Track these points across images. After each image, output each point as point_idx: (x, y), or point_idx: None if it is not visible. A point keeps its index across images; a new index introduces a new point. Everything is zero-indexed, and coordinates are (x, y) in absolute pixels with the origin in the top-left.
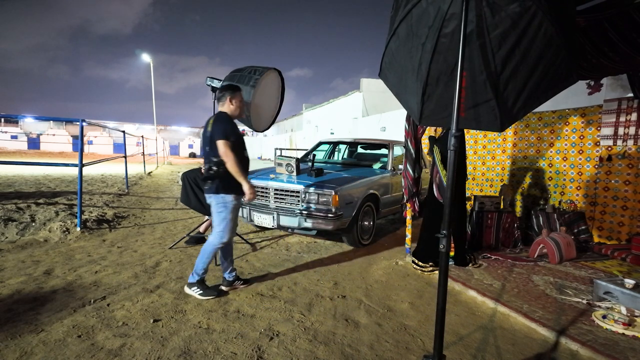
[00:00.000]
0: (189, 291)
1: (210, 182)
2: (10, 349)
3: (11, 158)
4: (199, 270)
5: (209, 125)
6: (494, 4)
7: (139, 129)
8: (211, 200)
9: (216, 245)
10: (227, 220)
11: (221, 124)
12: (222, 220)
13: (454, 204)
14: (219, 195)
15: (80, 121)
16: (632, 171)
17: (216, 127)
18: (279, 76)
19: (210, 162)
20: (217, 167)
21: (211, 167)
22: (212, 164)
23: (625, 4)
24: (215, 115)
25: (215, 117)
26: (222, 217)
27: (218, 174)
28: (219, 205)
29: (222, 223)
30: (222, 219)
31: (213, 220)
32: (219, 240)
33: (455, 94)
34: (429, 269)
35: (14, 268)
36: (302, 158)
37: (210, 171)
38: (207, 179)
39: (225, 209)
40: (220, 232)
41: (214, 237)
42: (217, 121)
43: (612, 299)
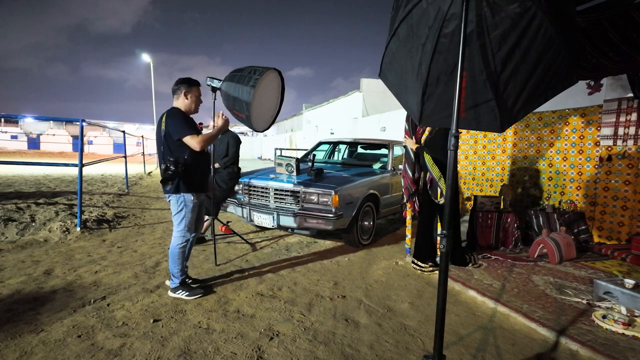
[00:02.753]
0: (174, 295)
1: (170, 183)
2: (10, 349)
3: (11, 158)
4: (176, 274)
5: (162, 123)
6: (494, 4)
7: (139, 129)
8: (170, 199)
9: (180, 245)
10: (186, 219)
11: (176, 119)
12: (182, 220)
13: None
14: (178, 194)
15: (80, 121)
16: (632, 171)
17: (172, 125)
18: (279, 76)
19: (167, 161)
20: (175, 166)
21: (169, 167)
22: (169, 164)
23: (625, 4)
24: (167, 112)
25: (168, 114)
26: (181, 216)
27: (177, 173)
28: (179, 204)
29: (182, 223)
30: (182, 218)
31: (173, 220)
32: (182, 240)
33: (455, 94)
34: (429, 269)
35: (14, 268)
36: (302, 158)
37: (168, 171)
38: (165, 180)
39: (185, 207)
40: (180, 231)
41: (175, 238)
42: (171, 118)
43: (612, 299)
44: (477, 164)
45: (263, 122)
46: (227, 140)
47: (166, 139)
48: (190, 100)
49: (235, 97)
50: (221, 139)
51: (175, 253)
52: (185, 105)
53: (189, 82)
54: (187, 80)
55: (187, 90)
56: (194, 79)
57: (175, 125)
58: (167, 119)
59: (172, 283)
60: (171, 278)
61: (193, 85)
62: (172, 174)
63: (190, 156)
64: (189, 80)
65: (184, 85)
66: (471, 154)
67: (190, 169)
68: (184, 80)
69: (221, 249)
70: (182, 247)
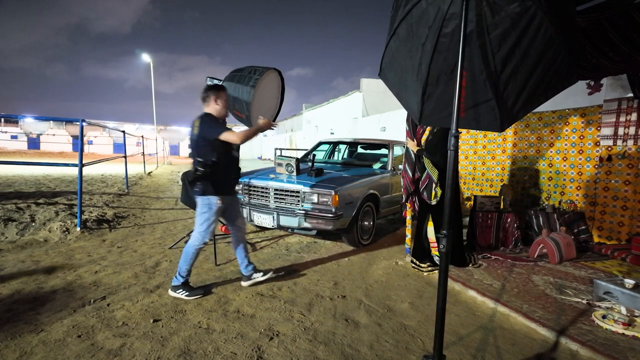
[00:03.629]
0: (174, 294)
1: (198, 184)
2: (10, 349)
3: (11, 158)
4: (183, 272)
5: (195, 128)
6: (494, 4)
7: (138, 129)
8: (197, 201)
9: (197, 247)
10: (209, 222)
11: (208, 123)
12: (205, 221)
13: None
14: (205, 197)
15: (80, 121)
16: (632, 171)
17: (205, 128)
18: (279, 76)
19: (197, 163)
20: (204, 168)
21: (197, 169)
22: (198, 165)
23: (625, 4)
24: (200, 117)
25: (201, 119)
26: (205, 217)
27: (205, 175)
28: (203, 206)
29: (205, 224)
30: (205, 219)
31: (196, 220)
32: (201, 241)
33: (455, 94)
34: (427, 268)
35: (14, 268)
36: (302, 158)
37: (198, 172)
38: (195, 181)
39: (209, 210)
40: (202, 233)
41: (195, 238)
42: (204, 122)
43: (612, 299)
44: (477, 164)
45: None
46: None
47: (197, 142)
48: (220, 106)
49: (235, 97)
50: None
51: (190, 252)
52: (216, 111)
53: (217, 88)
54: (216, 86)
55: (216, 96)
56: (220, 84)
57: (209, 127)
58: (200, 123)
59: (175, 280)
60: (175, 276)
61: (221, 91)
62: (201, 175)
63: (217, 159)
64: (217, 87)
65: (212, 92)
66: (471, 154)
67: (217, 172)
68: (212, 87)
69: (221, 249)
70: (199, 248)
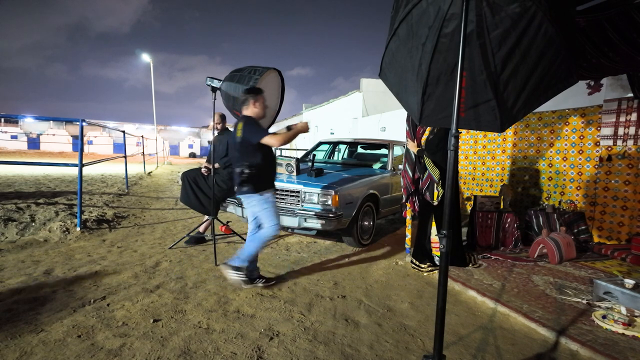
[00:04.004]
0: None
1: (246, 185)
2: (10, 349)
3: (11, 158)
4: (247, 257)
5: (239, 131)
6: (494, 4)
7: (138, 129)
8: (252, 200)
9: (272, 236)
10: (274, 212)
11: (251, 126)
12: (271, 215)
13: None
14: (260, 194)
15: (80, 121)
16: (632, 171)
17: (248, 132)
18: (278, 76)
19: (242, 165)
20: (250, 169)
21: (243, 171)
22: (244, 167)
23: (625, 4)
24: (243, 120)
25: (245, 122)
26: (270, 212)
27: (252, 175)
28: (262, 202)
29: (273, 217)
30: (271, 213)
31: (262, 217)
32: (274, 232)
33: (455, 94)
34: (427, 269)
35: (14, 268)
36: (302, 158)
37: (244, 175)
38: (242, 183)
39: (269, 204)
40: (274, 225)
41: (269, 230)
42: (248, 125)
43: (612, 299)
44: (477, 164)
45: (263, 121)
46: (227, 141)
47: (242, 145)
48: (259, 108)
49: (235, 97)
50: (220, 139)
51: (263, 241)
52: (255, 113)
53: (255, 91)
54: (253, 90)
55: (255, 99)
56: (257, 87)
57: (253, 130)
58: (243, 126)
59: (235, 261)
60: (236, 256)
61: (258, 94)
62: (247, 176)
63: (262, 159)
64: (255, 90)
65: (251, 96)
66: (471, 154)
67: (265, 170)
68: (250, 91)
69: (221, 249)
70: (272, 238)
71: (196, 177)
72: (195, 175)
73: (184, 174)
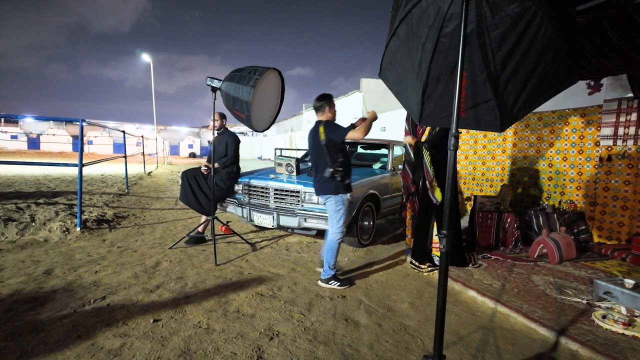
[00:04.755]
0: (327, 285)
1: (326, 185)
2: (10, 349)
3: (11, 158)
4: (332, 265)
5: (321, 134)
6: (494, 4)
7: (138, 129)
8: (329, 200)
9: (338, 239)
10: (344, 217)
11: (333, 127)
12: (341, 217)
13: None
14: (338, 195)
15: (80, 121)
16: (632, 171)
17: (332, 133)
18: (279, 76)
19: (323, 167)
20: (333, 169)
21: (337, 170)
22: (337, 166)
23: (625, 4)
24: (323, 125)
25: (325, 125)
26: (340, 214)
27: (333, 177)
28: (337, 203)
29: (341, 219)
30: (341, 215)
31: (331, 217)
32: (340, 235)
33: (455, 94)
34: (427, 269)
35: (14, 268)
36: (302, 158)
37: (336, 175)
38: (325, 183)
39: (343, 206)
40: (339, 228)
41: (334, 233)
42: (329, 127)
43: (612, 299)
44: (477, 164)
45: (263, 122)
46: (226, 141)
47: (326, 147)
48: (332, 113)
49: (235, 97)
50: (220, 139)
51: (333, 247)
52: (329, 117)
53: (329, 98)
54: (327, 96)
55: (329, 106)
56: (329, 94)
57: (335, 131)
58: (325, 129)
59: (324, 274)
60: (323, 269)
61: (331, 100)
62: (328, 177)
63: (342, 161)
64: (328, 97)
65: (326, 102)
66: (471, 154)
67: (344, 172)
68: (324, 97)
69: (221, 249)
70: (339, 241)
71: (196, 176)
72: (195, 174)
73: (184, 172)
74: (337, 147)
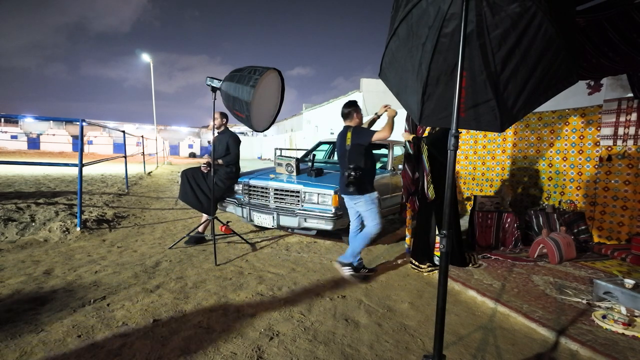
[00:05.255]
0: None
1: (354, 186)
2: (10, 349)
3: (11, 158)
4: (356, 253)
5: (348, 139)
6: (494, 4)
7: (138, 129)
8: (359, 200)
9: (374, 235)
10: (379, 212)
11: (360, 131)
12: (376, 214)
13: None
14: (367, 195)
15: (80, 121)
16: (632, 171)
17: (359, 136)
18: (278, 76)
19: (349, 169)
20: (356, 172)
21: (351, 174)
22: (351, 171)
23: (625, 4)
24: (351, 130)
25: (352, 130)
26: (375, 211)
27: (358, 177)
28: (368, 202)
29: (377, 216)
30: (375, 213)
31: (366, 216)
32: (377, 230)
33: (455, 94)
34: (427, 269)
35: (13, 268)
36: (302, 158)
37: (351, 177)
38: (349, 185)
39: (374, 204)
40: (377, 224)
41: (372, 228)
42: (356, 132)
43: (612, 299)
44: (477, 164)
45: (263, 122)
46: (227, 141)
47: (353, 151)
48: (359, 119)
49: (235, 97)
50: (220, 139)
51: (367, 237)
52: (357, 123)
53: (356, 105)
54: (354, 103)
55: (357, 112)
56: (355, 100)
57: (362, 134)
58: (352, 134)
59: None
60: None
61: (358, 107)
62: (354, 179)
63: (367, 163)
64: (355, 103)
65: (353, 109)
66: (471, 154)
67: (369, 173)
68: (352, 104)
69: (221, 249)
70: (375, 234)
71: (195, 176)
72: (195, 173)
73: (184, 171)
74: (362, 152)
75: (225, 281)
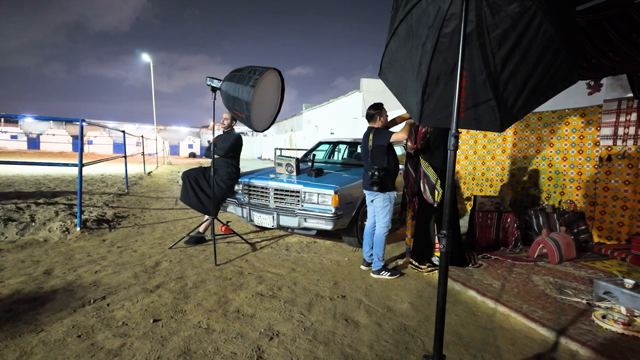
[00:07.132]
0: (378, 276)
1: (376, 185)
2: (10, 349)
3: (11, 158)
4: (380, 257)
5: (370, 141)
6: (494, 4)
7: (138, 129)
8: (378, 197)
9: (385, 233)
10: (391, 212)
11: (380, 132)
12: (388, 213)
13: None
14: (386, 193)
15: (80, 121)
16: (632, 171)
17: (380, 138)
18: (278, 76)
19: (372, 169)
20: (379, 172)
21: (374, 174)
22: (375, 171)
23: (625, 4)
24: (373, 131)
25: (374, 132)
26: (387, 210)
27: (382, 177)
28: (385, 200)
29: (388, 215)
30: (388, 211)
31: (379, 213)
32: (387, 229)
33: (455, 94)
34: (427, 269)
35: (13, 268)
36: (302, 158)
37: (374, 176)
38: (373, 183)
39: (390, 203)
40: (387, 222)
41: (381, 227)
42: (377, 133)
43: (611, 299)
44: (477, 164)
45: (263, 122)
46: (231, 140)
47: (375, 151)
48: (383, 121)
49: (235, 97)
50: (224, 137)
51: (382, 239)
52: (381, 125)
53: (381, 107)
54: (379, 105)
55: (381, 115)
56: (380, 103)
57: (381, 136)
58: (374, 136)
59: (375, 266)
60: (373, 262)
61: (383, 109)
62: (377, 178)
63: (390, 163)
64: (380, 106)
65: (377, 111)
66: (471, 154)
67: (391, 173)
68: (377, 106)
69: (221, 249)
70: (387, 234)
71: (197, 177)
72: (196, 174)
73: (185, 173)
74: (384, 153)
75: (225, 281)
